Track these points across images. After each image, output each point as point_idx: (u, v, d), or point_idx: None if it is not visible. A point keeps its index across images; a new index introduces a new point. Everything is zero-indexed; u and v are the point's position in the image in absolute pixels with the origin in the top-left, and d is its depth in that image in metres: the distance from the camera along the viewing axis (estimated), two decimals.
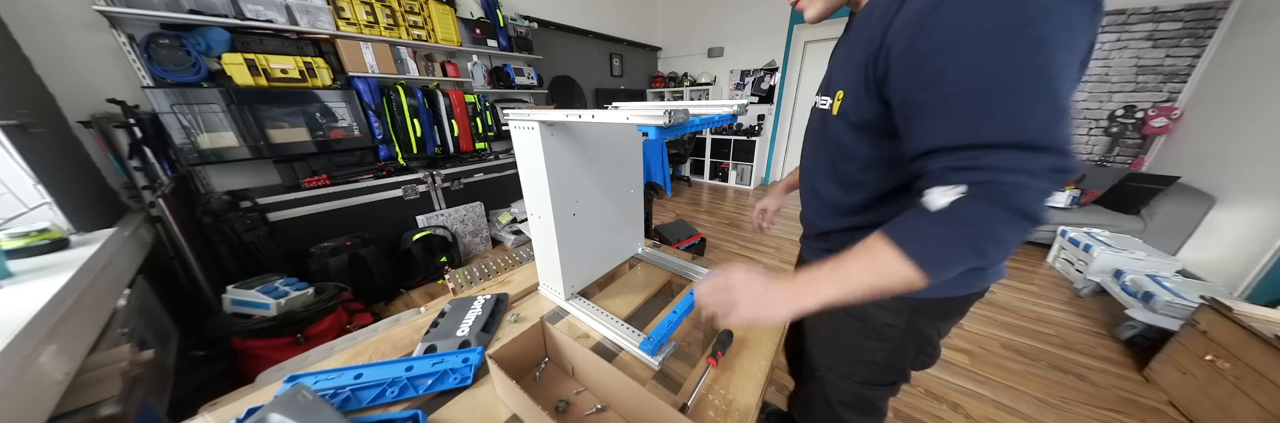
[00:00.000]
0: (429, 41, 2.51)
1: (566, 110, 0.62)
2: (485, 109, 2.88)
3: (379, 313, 2.00)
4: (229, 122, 1.80)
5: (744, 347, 0.77)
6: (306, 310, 1.51)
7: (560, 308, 0.89)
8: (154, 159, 1.61)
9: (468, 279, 1.07)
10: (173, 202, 1.48)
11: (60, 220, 1.16)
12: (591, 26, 3.97)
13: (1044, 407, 1.39)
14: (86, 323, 0.95)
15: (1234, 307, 1.32)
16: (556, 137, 0.71)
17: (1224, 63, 2.44)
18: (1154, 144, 2.82)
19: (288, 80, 1.94)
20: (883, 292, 0.45)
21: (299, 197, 1.96)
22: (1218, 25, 2.49)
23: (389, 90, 2.34)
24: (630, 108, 0.60)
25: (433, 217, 2.51)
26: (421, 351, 0.73)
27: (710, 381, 0.68)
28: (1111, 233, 2.36)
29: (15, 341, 0.67)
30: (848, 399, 0.81)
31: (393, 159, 2.45)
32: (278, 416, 0.51)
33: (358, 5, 2.16)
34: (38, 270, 0.94)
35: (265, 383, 0.71)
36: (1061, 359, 1.64)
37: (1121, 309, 1.77)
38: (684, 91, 4.89)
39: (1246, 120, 2.18)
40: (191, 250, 1.54)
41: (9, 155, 1.06)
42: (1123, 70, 2.83)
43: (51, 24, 1.50)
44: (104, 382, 0.86)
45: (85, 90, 1.56)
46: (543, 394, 0.65)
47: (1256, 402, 1.17)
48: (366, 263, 2.05)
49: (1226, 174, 2.21)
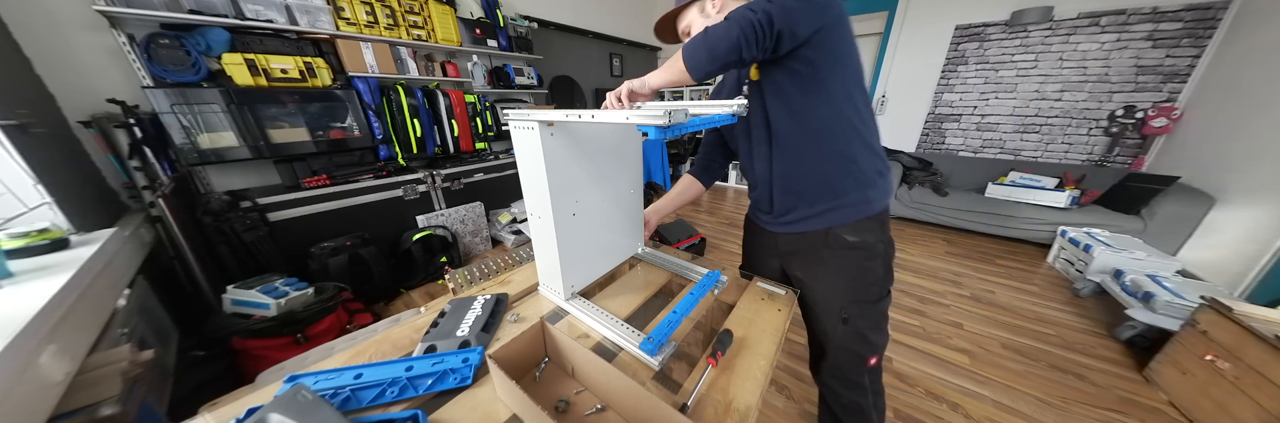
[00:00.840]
0: (429, 41, 2.51)
1: (566, 110, 0.62)
2: (485, 109, 2.88)
3: (379, 313, 2.00)
4: (229, 122, 1.80)
5: (744, 347, 0.77)
6: (306, 310, 1.51)
7: (560, 308, 0.89)
8: (154, 159, 1.61)
9: (468, 279, 1.07)
10: (173, 202, 1.48)
11: (60, 220, 1.16)
12: (591, 26, 3.97)
13: (1044, 407, 1.39)
14: (86, 323, 0.95)
15: (1234, 307, 1.32)
16: (556, 137, 0.71)
17: (1224, 63, 2.44)
18: (1154, 144, 2.82)
19: (288, 80, 1.94)
20: (680, 77, 0.70)
21: (299, 197, 1.96)
22: (1218, 25, 2.49)
23: (389, 90, 2.34)
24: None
25: (433, 217, 2.51)
26: (421, 351, 0.73)
27: (710, 381, 0.68)
28: (1111, 233, 2.36)
29: (15, 341, 0.67)
30: (871, 322, 0.90)
31: (393, 159, 2.45)
32: (278, 416, 0.51)
33: (358, 5, 2.16)
34: (38, 270, 0.94)
35: (265, 383, 0.71)
36: (1061, 359, 1.64)
37: (1121, 309, 1.77)
38: (684, 91, 4.89)
39: (1246, 120, 2.18)
40: (191, 250, 1.54)
41: (9, 155, 1.06)
42: (1123, 70, 2.83)
43: (51, 24, 1.50)
44: (104, 382, 0.86)
45: (85, 90, 1.56)
46: (543, 394, 0.65)
47: (1256, 402, 1.17)
48: (366, 263, 2.05)
49: (1226, 174, 2.22)
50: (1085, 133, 3.08)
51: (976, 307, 2.07)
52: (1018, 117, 3.32)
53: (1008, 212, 2.79)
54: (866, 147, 0.80)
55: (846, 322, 0.90)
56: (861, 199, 0.82)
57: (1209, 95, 2.50)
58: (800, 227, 0.89)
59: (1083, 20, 2.88)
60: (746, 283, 1.02)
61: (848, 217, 0.83)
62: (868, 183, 0.81)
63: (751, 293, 0.96)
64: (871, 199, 0.82)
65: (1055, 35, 3.00)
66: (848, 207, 0.83)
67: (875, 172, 0.82)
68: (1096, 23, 2.84)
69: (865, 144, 0.79)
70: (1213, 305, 1.37)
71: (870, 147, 0.80)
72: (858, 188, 0.81)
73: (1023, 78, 3.21)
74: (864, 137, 0.79)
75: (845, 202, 0.82)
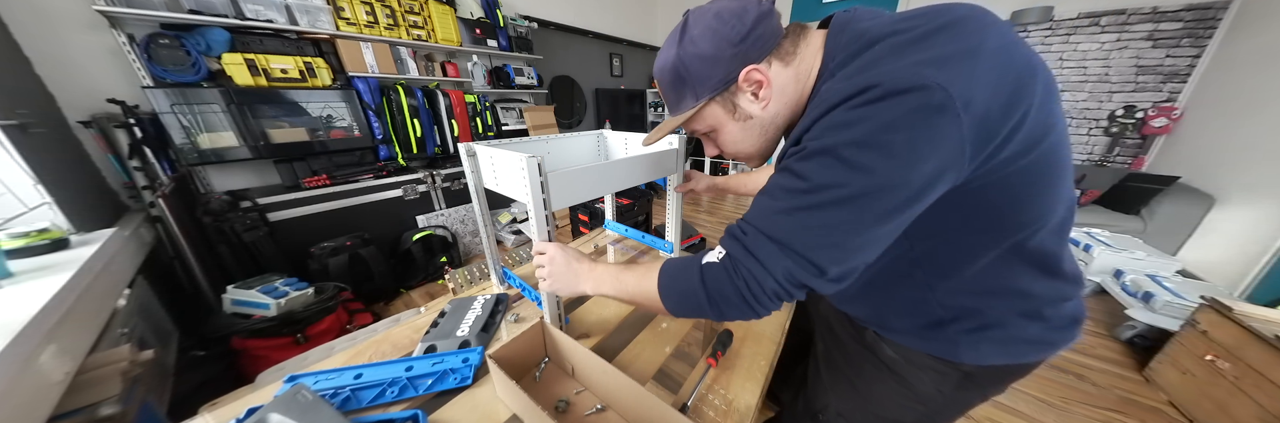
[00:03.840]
0: (429, 41, 2.51)
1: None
2: (485, 109, 2.88)
3: (379, 313, 2.00)
4: (229, 122, 1.80)
5: (744, 347, 0.77)
6: (306, 310, 1.51)
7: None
8: (154, 159, 1.61)
9: (468, 279, 1.07)
10: (173, 202, 1.48)
11: (60, 220, 1.16)
12: (591, 26, 3.96)
13: (1044, 407, 1.39)
14: (86, 323, 0.95)
15: (1234, 307, 1.32)
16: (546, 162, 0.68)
17: (1224, 63, 2.44)
18: (1154, 144, 2.82)
19: (288, 80, 1.93)
20: (643, 309, 0.54)
21: (299, 197, 1.96)
22: (1218, 25, 2.49)
23: (389, 90, 2.34)
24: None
25: (433, 217, 2.51)
26: (421, 351, 0.73)
27: (710, 381, 0.68)
28: (1111, 233, 2.36)
29: (15, 341, 0.67)
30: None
31: (393, 159, 2.45)
32: (278, 416, 0.51)
33: (358, 5, 2.15)
34: (38, 270, 0.94)
35: (265, 383, 0.71)
36: (1061, 359, 1.64)
37: (1121, 309, 1.77)
38: None
39: (1246, 120, 2.18)
40: (191, 250, 1.54)
41: (9, 155, 1.06)
42: (1123, 70, 2.83)
43: (51, 24, 1.50)
44: (104, 382, 0.86)
45: (85, 90, 1.55)
46: (543, 394, 0.65)
47: (1256, 402, 1.17)
48: (366, 263, 2.04)
49: (1226, 174, 2.21)
50: (1085, 133, 3.07)
51: None
52: None
53: None
54: (974, 280, 0.51)
55: (817, 422, 0.73)
56: (942, 344, 0.55)
57: (1209, 95, 2.50)
58: (846, 308, 0.67)
59: (1083, 20, 2.88)
60: None
61: (906, 342, 0.59)
62: (951, 333, 0.54)
63: None
64: (959, 348, 0.54)
65: (1055, 35, 3.00)
66: (904, 333, 0.59)
67: (980, 323, 0.52)
68: (1096, 23, 2.84)
69: (958, 290, 0.52)
70: (1213, 305, 1.37)
71: (983, 281, 0.50)
72: (934, 333, 0.55)
73: None
74: (963, 270, 0.50)
75: (903, 328, 0.59)
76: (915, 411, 0.62)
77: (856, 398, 0.68)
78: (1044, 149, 0.40)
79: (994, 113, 0.36)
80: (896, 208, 0.38)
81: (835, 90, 0.38)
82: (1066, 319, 0.53)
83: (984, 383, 0.59)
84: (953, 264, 0.50)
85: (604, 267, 0.59)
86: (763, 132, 0.53)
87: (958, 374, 0.57)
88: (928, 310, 0.54)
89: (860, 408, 0.68)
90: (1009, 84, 0.36)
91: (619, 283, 0.55)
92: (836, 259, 0.40)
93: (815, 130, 0.39)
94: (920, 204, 0.39)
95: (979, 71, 0.35)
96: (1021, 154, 0.39)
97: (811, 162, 0.39)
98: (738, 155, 0.58)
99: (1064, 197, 0.46)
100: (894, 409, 0.64)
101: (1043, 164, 0.41)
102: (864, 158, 0.36)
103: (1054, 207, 0.46)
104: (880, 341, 0.62)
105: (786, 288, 0.41)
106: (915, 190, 0.38)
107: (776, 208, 0.42)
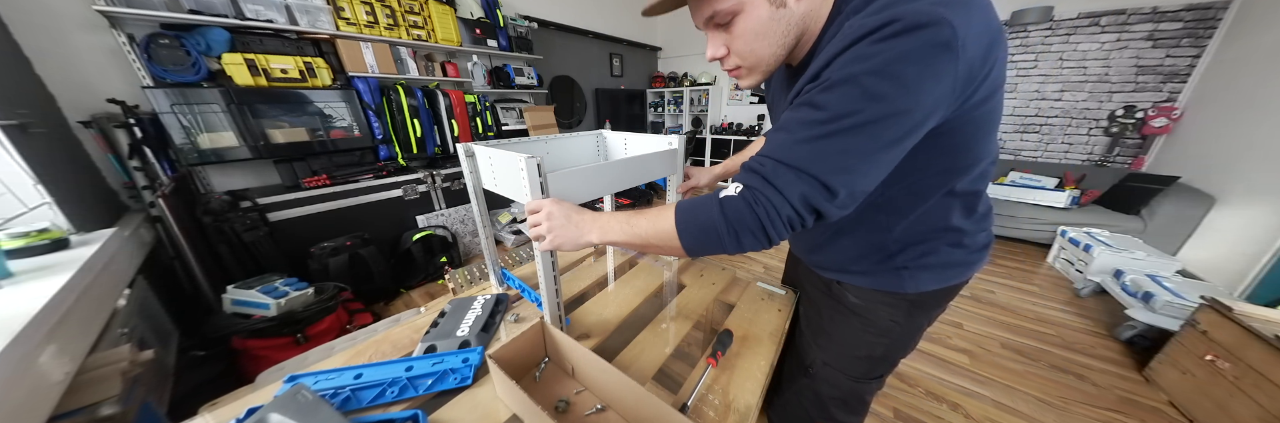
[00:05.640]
0: (429, 41, 2.51)
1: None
2: (485, 109, 2.88)
3: (379, 313, 2.00)
4: (229, 122, 1.80)
5: (744, 347, 0.77)
6: (306, 310, 1.51)
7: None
8: (154, 159, 1.61)
9: (468, 279, 1.07)
10: (173, 202, 1.48)
11: (60, 220, 1.16)
12: (591, 26, 3.97)
13: (1044, 407, 1.39)
14: (86, 323, 0.95)
15: (1234, 307, 1.32)
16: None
17: (1224, 63, 2.44)
18: (1154, 144, 2.82)
19: (288, 80, 1.93)
20: (654, 251, 0.55)
21: (299, 197, 1.96)
22: (1218, 25, 2.49)
23: (389, 90, 2.34)
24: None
25: (433, 217, 2.51)
26: (421, 351, 0.73)
27: (710, 381, 0.68)
28: (1111, 233, 2.36)
29: (15, 341, 0.67)
30: (840, 395, 0.82)
31: (393, 159, 2.45)
32: (278, 416, 0.51)
33: (358, 5, 2.15)
34: (38, 270, 0.94)
35: (265, 383, 0.71)
36: (1061, 359, 1.64)
37: (1121, 309, 1.77)
38: (684, 91, 4.89)
39: (1246, 120, 2.18)
40: (191, 250, 1.54)
41: (9, 155, 1.06)
42: (1123, 70, 2.83)
43: (51, 24, 1.50)
44: (104, 382, 0.86)
45: (85, 90, 1.55)
46: (543, 394, 0.65)
47: (1256, 402, 1.17)
48: (366, 263, 2.04)
49: (1226, 174, 2.21)
50: (1085, 133, 3.08)
51: (976, 307, 2.07)
52: (1018, 116, 3.32)
53: (1008, 212, 2.79)
54: (920, 220, 0.60)
55: (809, 375, 0.82)
56: (890, 278, 0.66)
57: (1209, 95, 2.50)
58: (811, 262, 0.78)
59: (1083, 20, 2.88)
60: (747, 283, 1.02)
61: (862, 283, 0.69)
62: (897, 265, 0.64)
63: (751, 293, 0.96)
64: (903, 280, 0.65)
65: (1055, 35, 3.00)
66: (861, 275, 0.69)
67: (920, 252, 0.63)
68: (1096, 23, 2.84)
69: (922, 218, 0.60)
70: (1213, 305, 1.37)
71: (927, 220, 0.60)
72: (883, 268, 0.65)
73: (1022, 78, 3.21)
74: (915, 212, 0.59)
75: (861, 269, 0.68)
76: (881, 344, 0.73)
77: (834, 346, 0.78)
78: (996, 100, 0.47)
79: (976, 59, 0.40)
80: (903, 135, 0.42)
81: (860, 25, 0.41)
82: (980, 245, 0.66)
83: (928, 307, 0.70)
84: (910, 206, 0.59)
85: (609, 214, 0.59)
86: (785, 32, 0.50)
87: (906, 304, 0.68)
88: (883, 248, 0.64)
89: (840, 354, 0.78)
90: (988, 36, 0.41)
91: (630, 227, 0.55)
92: (847, 183, 0.43)
93: (838, 62, 0.42)
94: (918, 134, 0.44)
95: (974, 19, 0.39)
96: (983, 101, 0.45)
97: (834, 92, 0.42)
98: (747, 58, 0.53)
99: (995, 147, 0.56)
100: (865, 347, 0.74)
101: (993, 114, 0.49)
102: (880, 87, 0.39)
103: (989, 153, 0.55)
104: (843, 289, 0.72)
105: (801, 213, 0.44)
106: (918, 120, 0.42)
107: (795, 139, 0.44)
